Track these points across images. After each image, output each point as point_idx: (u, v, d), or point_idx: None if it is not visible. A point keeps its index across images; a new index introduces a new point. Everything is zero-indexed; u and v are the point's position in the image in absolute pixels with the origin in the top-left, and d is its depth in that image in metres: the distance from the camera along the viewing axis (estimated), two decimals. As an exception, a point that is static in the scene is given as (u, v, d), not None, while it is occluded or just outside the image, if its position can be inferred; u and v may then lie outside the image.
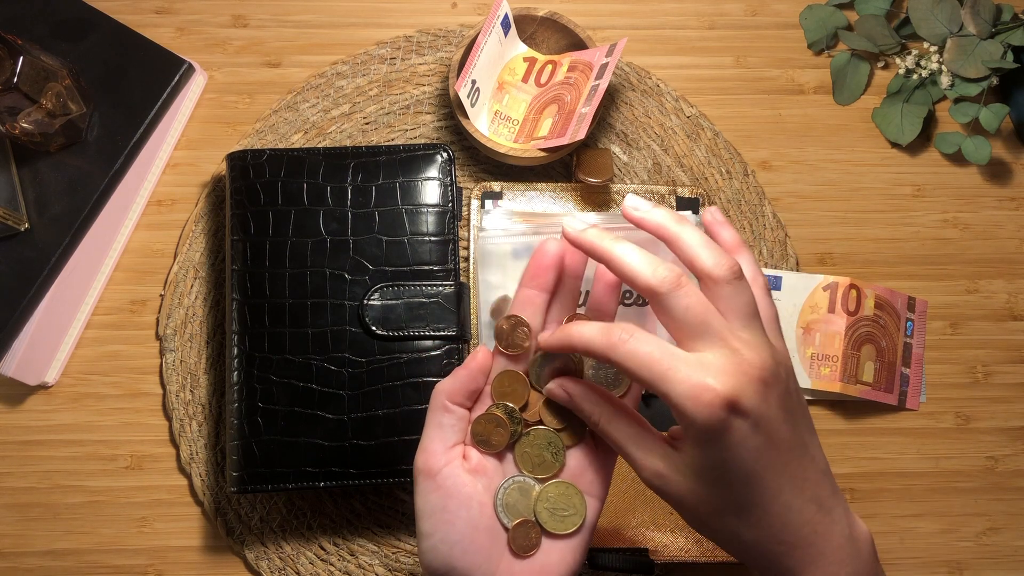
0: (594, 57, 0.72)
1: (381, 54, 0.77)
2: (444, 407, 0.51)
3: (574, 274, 0.52)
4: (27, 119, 0.66)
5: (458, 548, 0.49)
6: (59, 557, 0.71)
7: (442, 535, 0.49)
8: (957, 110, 0.77)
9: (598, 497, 0.51)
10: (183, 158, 0.76)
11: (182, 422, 0.72)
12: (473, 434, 0.51)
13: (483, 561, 0.49)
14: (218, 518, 0.71)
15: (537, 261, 0.52)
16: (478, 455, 0.51)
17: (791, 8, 0.80)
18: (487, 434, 0.51)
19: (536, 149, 0.71)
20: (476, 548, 0.49)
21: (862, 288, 0.74)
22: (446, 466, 0.50)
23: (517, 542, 0.50)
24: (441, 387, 0.52)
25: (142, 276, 0.75)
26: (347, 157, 0.70)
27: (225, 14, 0.78)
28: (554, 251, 0.51)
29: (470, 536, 0.49)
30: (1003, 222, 0.78)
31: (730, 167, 0.76)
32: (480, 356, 0.52)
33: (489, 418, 0.51)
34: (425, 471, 0.50)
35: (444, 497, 0.49)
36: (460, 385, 0.51)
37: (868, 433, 0.74)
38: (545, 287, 0.52)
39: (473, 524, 0.50)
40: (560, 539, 0.51)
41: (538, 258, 0.51)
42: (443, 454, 0.50)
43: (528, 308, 0.52)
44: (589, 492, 0.51)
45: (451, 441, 0.51)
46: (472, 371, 0.51)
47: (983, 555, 0.73)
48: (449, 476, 0.50)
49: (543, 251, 0.51)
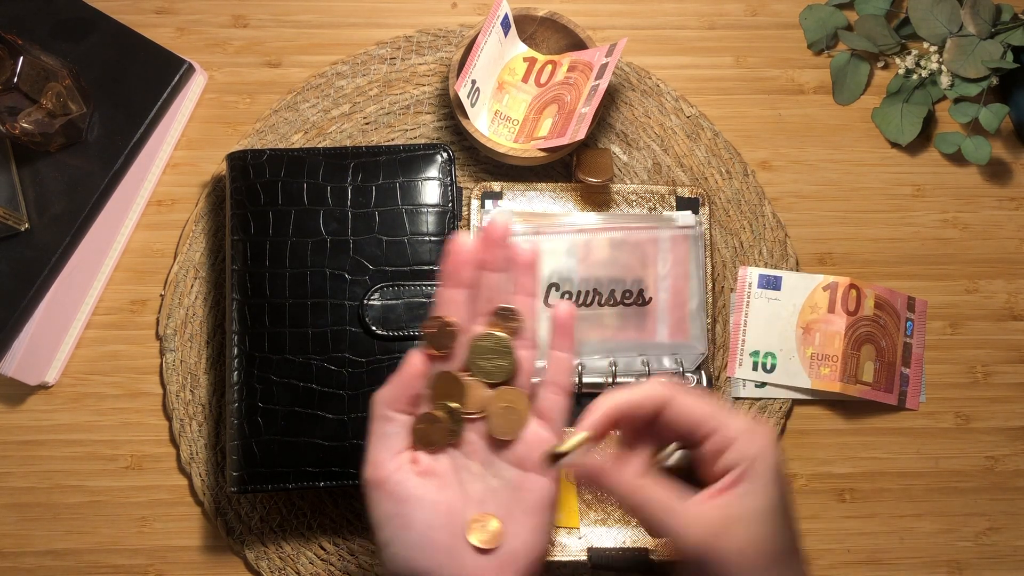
0: (594, 57, 0.73)
1: (381, 54, 0.77)
2: (385, 416, 0.51)
3: (494, 268, 0.52)
4: (27, 119, 0.66)
5: (417, 550, 0.49)
6: (59, 557, 0.71)
7: (400, 540, 0.49)
8: (957, 110, 0.77)
9: (551, 476, 0.51)
10: (183, 158, 0.76)
11: (182, 422, 0.72)
12: (416, 437, 0.51)
13: (445, 559, 0.49)
14: (218, 518, 0.71)
15: (452, 259, 0.51)
16: (427, 457, 0.51)
17: (791, 8, 0.80)
18: (429, 434, 0.51)
19: (536, 149, 0.71)
20: (436, 547, 0.49)
21: (862, 288, 0.74)
22: (395, 473, 0.50)
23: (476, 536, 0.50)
24: (379, 396, 0.51)
25: (142, 276, 0.75)
26: (347, 157, 0.70)
27: (225, 14, 0.78)
28: (467, 247, 0.51)
29: (428, 536, 0.49)
30: (1003, 222, 0.78)
31: (730, 167, 0.76)
32: (413, 361, 0.51)
33: (430, 419, 0.51)
34: (374, 482, 0.50)
35: (396, 503, 0.49)
36: (397, 392, 0.51)
37: (868, 433, 0.74)
38: (464, 284, 0.52)
39: (429, 524, 0.49)
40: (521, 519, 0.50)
41: (453, 256, 0.51)
42: (390, 462, 0.50)
43: (451, 307, 0.52)
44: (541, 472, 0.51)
45: (396, 448, 0.51)
46: (407, 377, 0.51)
47: (983, 555, 0.73)
48: (399, 483, 0.50)
49: (456, 249, 0.51)
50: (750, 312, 0.74)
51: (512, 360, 0.51)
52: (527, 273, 0.52)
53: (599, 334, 0.70)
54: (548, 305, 0.70)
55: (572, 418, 0.52)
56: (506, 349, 0.51)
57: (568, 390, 0.52)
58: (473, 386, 0.52)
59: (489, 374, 0.52)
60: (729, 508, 0.46)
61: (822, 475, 0.74)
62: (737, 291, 0.74)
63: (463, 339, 0.52)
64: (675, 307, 0.70)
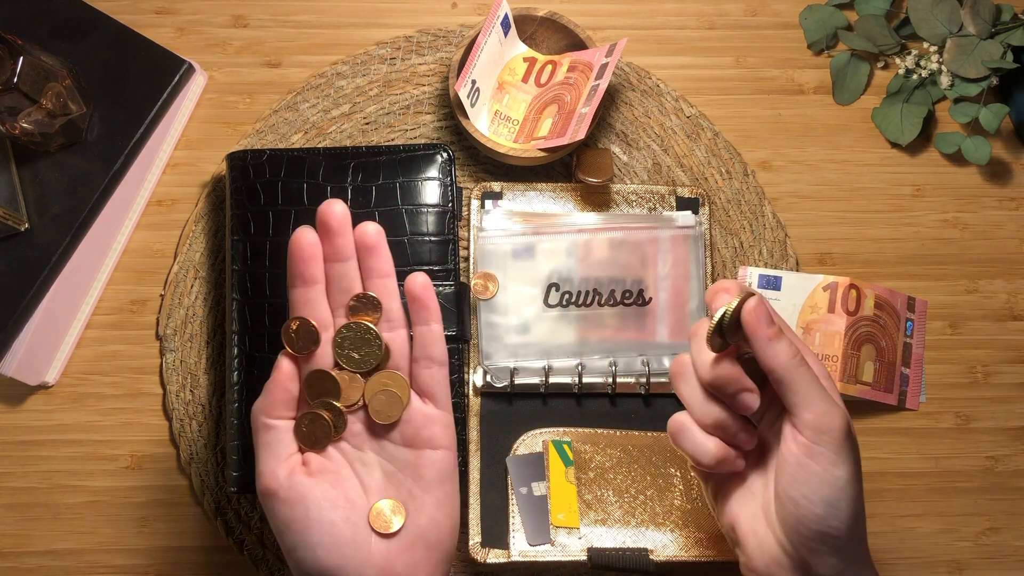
0: (594, 57, 0.73)
1: (381, 54, 0.77)
2: (265, 426, 0.51)
3: (341, 258, 0.52)
4: (27, 119, 0.66)
5: (321, 549, 0.49)
6: (59, 557, 0.71)
7: (303, 543, 0.49)
8: (957, 110, 0.77)
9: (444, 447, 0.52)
10: (183, 158, 0.76)
11: (182, 422, 0.72)
12: (301, 438, 0.51)
13: (351, 552, 0.49)
14: (218, 518, 0.71)
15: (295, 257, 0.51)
16: (317, 457, 0.52)
17: (791, 8, 0.80)
18: (314, 433, 0.52)
19: (536, 149, 0.71)
20: (339, 542, 0.49)
21: (862, 288, 0.74)
22: (287, 478, 0.50)
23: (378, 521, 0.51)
24: (257, 407, 0.52)
25: (142, 276, 0.75)
26: (347, 157, 0.70)
27: (225, 14, 0.78)
28: (307, 242, 0.50)
29: (330, 533, 0.49)
30: (1003, 222, 0.78)
31: (730, 167, 0.76)
32: (284, 365, 0.52)
33: (311, 418, 0.52)
34: (268, 492, 0.50)
35: (292, 508, 0.50)
36: (273, 398, 0.51)
37: (868, 433, 0.74)
38: (314, 280, 0.51)
39: (329, 521, 0.50)
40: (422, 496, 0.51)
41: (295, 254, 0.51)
42: (280, 470, 0.50)
43: (307, 307, 0.51)
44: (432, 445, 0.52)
45: (283, 455, 0.51)
46: (281, 381, 0.51)
47: (983, 555, 0.73)
48: (292, 488, 0.50)
49: (297, 245, 0.50)
50: (750, 312, 0.74)
51: (380, 345, 0.52)
52: (375, 255, 0.52)
53: (599, 334, 0.70)
54: (548, 305, 0.70)
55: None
56: (370, 336, 0.51)
57: (442, 361, 0.52)
58: (347, 378, 0.52)
59: (359, 363, 0.52)
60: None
61: (822, 475, 0.74)
62: (737, 291, 0.74)
63: (326, 335, 0.52)
64: (675, 307, 0.70)
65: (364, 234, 0.52)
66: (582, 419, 0.69)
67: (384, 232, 0.52)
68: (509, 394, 0.69)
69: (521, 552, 0.65)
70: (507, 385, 0.68)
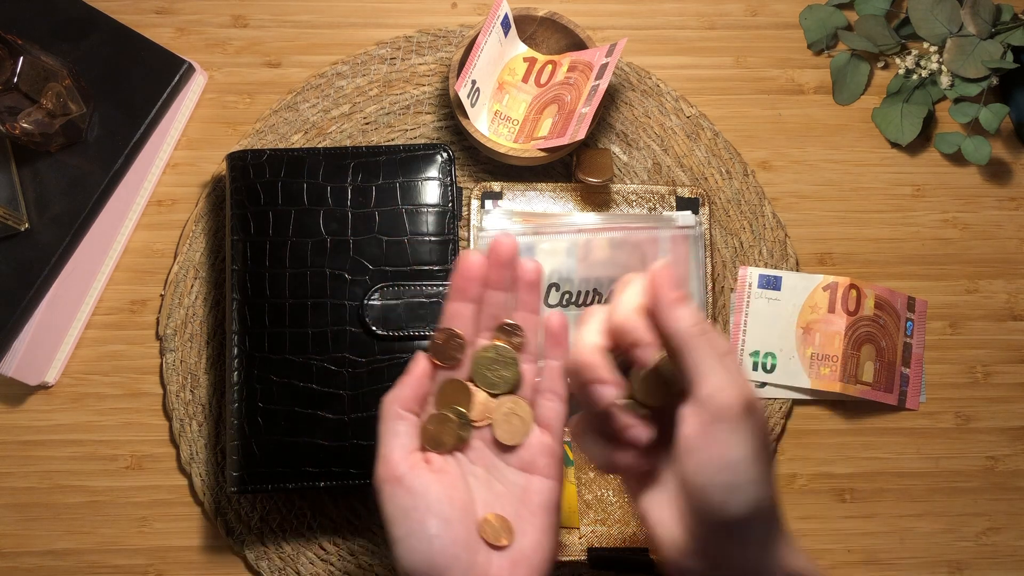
0: (594, 57, 0.73)
1: (381, 54, 0.77)
2: (398, 415, 0.53)
3: (501, 287, 0.54)
4: (27, 119, 0.66)
5: (436, 542, 0.49)
6: (59, 557, 0.71)
7: (418, 533, 0.50)
8: (957, 110, 0.77)
9: (554, 478, 0.53)
10: (183, 158, 0.76)
11: (182, 422, 0.72)
12: (426, 438, 0.53)
13: (462, 552, 0.50)
14: (218, 518, 0.71)
15: (459, 275, 0.53)
16: (438, 458, 0.53)
17: (791, 8, 0.80)
18: (439, 435, 0.53)
19: (536, 149, 0.71)
20: (454, 539, 0.50)
21: (862, 288, 0.74)
22: (410, 470, 0.51)
23: (487, 531, 0.51)
24: (392, 396, 0.53)
25: (142, 276, 0.75)
26: (347, 157, 0.70)
27: (225, 14, 0.78)
28: (475, 265, 0.53)
29: (446, 528, 0.50)
30: (1003, 222, 0.78)
31: (730, 167, 0.76)
32: (422, 362, 0.53)
33: (439, 419, 0.53)
34: (391, 479, 0.51)
35: (414, 498, 0.50)
36: (410, 391, 0.53)
37: (868, 433, 0.74)
38: (471, 299, 0.53)
39: (446, 519, 0.50)
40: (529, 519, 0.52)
41: (460, 272, 0.53)
42: (404, 460, 0.51)
43: (457, 320, 0.54)
44: (544, 473, 0.53)
45: (409, 447, 0.52)
46: (418, 377, 0.53)
47: (983, 555, 0.73)
48: (415, 478, 0.51)
49: (465, 266, 0.53)
50: (750, 312, 0.74)
51: (516, 371, 0.53)
52: (531, 291, 0.54)
53: (599, 334, 0.70)
54: (548, 305, 0.70)
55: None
56: (510, 360, 0.53)
57: (563, 396, 0.54)
58: (477, 395, 0.53)
59: (493, 384, 0.53)
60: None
61: (822, 475, 0.74)
62: (737, 291, 0.74)
63: (469, 351, 0.54)
64: (675, 307, 0.70)
65: (527, 271, 0.54)
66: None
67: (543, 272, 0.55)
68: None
69: (521, 552, 0.65)
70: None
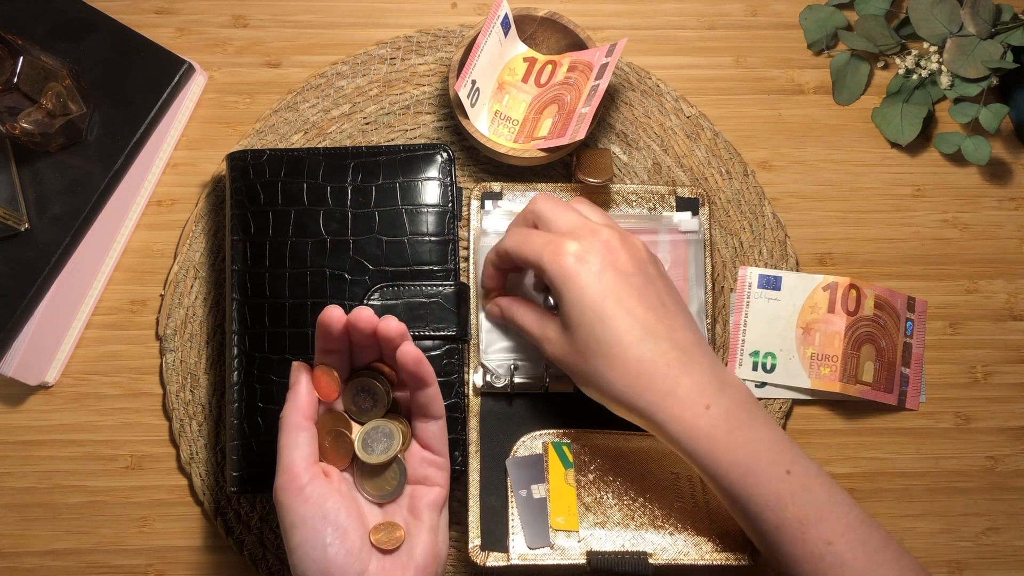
0: (594, 57, 0.73)
1: (381, 54, 0.77)
2: (299, 426, 0.55)
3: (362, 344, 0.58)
4: (27, 119, 0.66)
5: (331, 549, 0.52)
6: (59, 557, 0.71)
7: (313, 541, 0.52)
8: (957, 110, 0.77)
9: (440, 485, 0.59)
10: (183, 158, 0.76)
11: (182, 422, 0.72)
12: (323, 452, 0.57)
13: (355, 561, 0.53)
14: (218, 518, 0.71)
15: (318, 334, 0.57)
16: (334, 470, 0.57)
17: (791, 8, 0.80)
18: (336, 449, 0.57)
19: (536, 149, 0.71)
20: (348, 548, 0.53)
21: (862, 288, 0.74)
22: (310, 481, 0.54)
23: (379, 537, 0.55)
24: (293, 407, 0.56)
25: (142, 276, 0.75)
26: (347, 157, 0.70)
27: (225, 14, 0.78)
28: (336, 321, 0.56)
29: (341, 537, 0.53)
30: (1003, 222, 0.78)
31: (730, 167, 0.76)
32: (304, 374, 0.57)
33: (335, 435, 0.57)
34: (292, 489, 0.54)
35: (312, 507, 0.53)
36: (306, 403, 0.56)
37: (868, 433, 0.74)
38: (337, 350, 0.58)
39: (341, 528, 0.53)
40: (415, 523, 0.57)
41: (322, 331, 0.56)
42: (306, 471, 0.54)
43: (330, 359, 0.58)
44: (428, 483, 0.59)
45: (310, 459, 0.55)
46: (309, 389, 0.57)
47: (983, 555, 0.73)
48: (315, 489, 0.54)
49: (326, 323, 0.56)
50: (750, 312, 0.74)
51: (386, 400, 0.58)
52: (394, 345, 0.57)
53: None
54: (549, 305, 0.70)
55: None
56: (378, 388, 0.58)
57: (439, 416, 0.59)
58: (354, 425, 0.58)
59: (365, 412, 0.59)
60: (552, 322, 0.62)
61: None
62: (737, 291, 0.74)
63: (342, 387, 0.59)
64: (675, 307, 0.70)
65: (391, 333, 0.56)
66: (582, 420, 0.69)
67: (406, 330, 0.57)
68: (509, 394, 0.69)
69: (520, 555, 0.65)
70: (507, 384, 0.68)
